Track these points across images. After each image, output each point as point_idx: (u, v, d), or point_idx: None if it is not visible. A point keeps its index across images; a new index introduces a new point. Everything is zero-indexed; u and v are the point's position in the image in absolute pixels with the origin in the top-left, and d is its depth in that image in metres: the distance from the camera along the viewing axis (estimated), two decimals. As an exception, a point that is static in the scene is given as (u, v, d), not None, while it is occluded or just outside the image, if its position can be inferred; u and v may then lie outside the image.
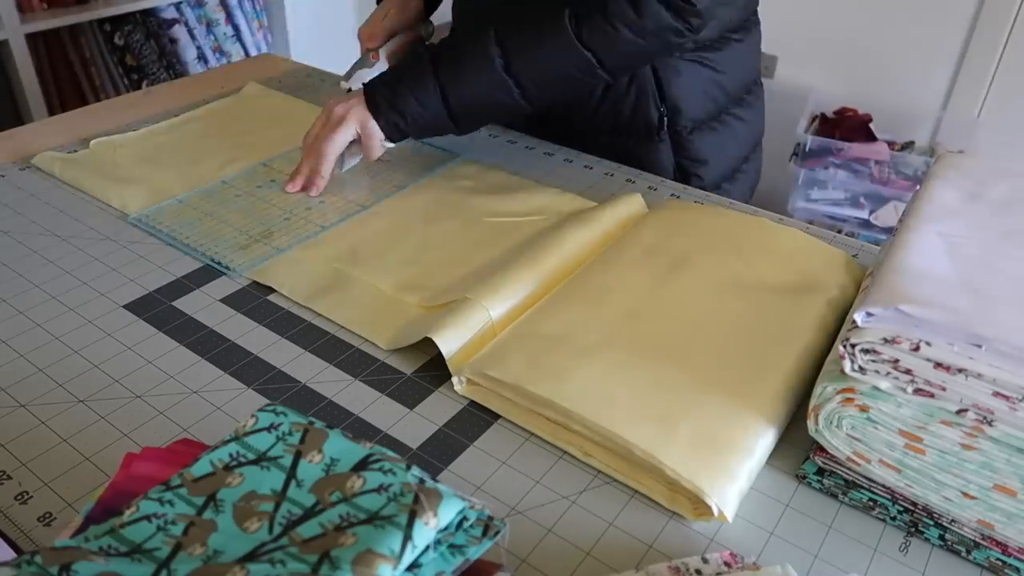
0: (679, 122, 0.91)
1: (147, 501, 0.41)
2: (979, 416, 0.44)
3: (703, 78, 0.91)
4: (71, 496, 0.50)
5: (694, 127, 0.92)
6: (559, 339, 0.59)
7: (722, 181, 0.97)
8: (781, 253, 0.70)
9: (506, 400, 0.57)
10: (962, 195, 0.59)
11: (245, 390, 0.59)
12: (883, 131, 2.14)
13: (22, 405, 0.57)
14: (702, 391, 0.55)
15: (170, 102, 1.07)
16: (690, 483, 0.48)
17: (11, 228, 0.78)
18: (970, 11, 2.02)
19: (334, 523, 0.39)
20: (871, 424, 0.48)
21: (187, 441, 0.50)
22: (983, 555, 0.47)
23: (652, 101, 0.90)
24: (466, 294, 0.64)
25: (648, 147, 0.92)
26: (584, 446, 0.54)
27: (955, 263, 0.51)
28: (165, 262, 0.73)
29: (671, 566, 0.45)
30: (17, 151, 0.93)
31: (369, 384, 0.60)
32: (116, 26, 2.16)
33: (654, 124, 0.91)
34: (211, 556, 0.38)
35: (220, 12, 2.37)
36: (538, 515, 0.50)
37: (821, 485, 0.52)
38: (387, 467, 0.41)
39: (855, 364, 0.47)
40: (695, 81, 0.90)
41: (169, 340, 0.64)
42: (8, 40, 1.93)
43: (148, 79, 2.23)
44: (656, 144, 0.92)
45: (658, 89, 0.89)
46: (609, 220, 0.76)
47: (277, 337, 0.64)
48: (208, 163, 0.90)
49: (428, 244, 0.76)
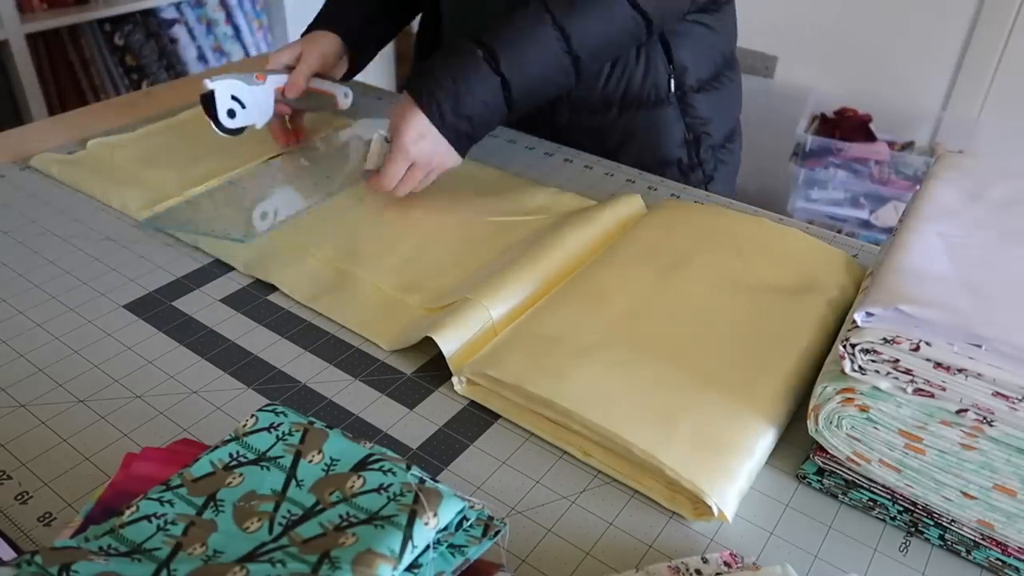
0: (686, 82, 0.94)
1: (147, 501, 0.41)
2: (979, 416, 0.44)
3: (704, 40, 0.94)
4: (71, 496, 0.50)
5: (699, 87, 0.95)
6: (559, 339, 0.59)
7: (726, 141, 1.01)
8: (781, 253, 0.70)
9: (506, 400, 0.57)
10: (962, 195, 0.59)
11: (245, 390, 0.59)
12: (883, 131, 2.14)
13: (22, 405, 0.57)
14: (702, 391, 0.55)
15: (170, 102, 1.07)
16: (690, 483, 0.48)
17: (11, 228, 0.78)
18: (970, 11, 2.02)
19: (334, 523, 0.39)
20: (871, 424, 0.48)
21: (187, 441, 0.50)
22: (983, 555, 0.47)
23: (662, 65, 0.92)
24: (466, 294, 0.64)
25: (657, 113, 0.94)
26: (584, 446, 0.54)
27: (955, 263, 0.51)
28: (165, 262, 0.73)
29: (671, 566, 0.45)
30: (17, 151, 0.93)
31: (369, 384, 0.60)
32: (116, 26, 2.16)
33: (664, 88, 0.93)
34: (211, 556, 0.38)
35: (220, 12, 2.37)
36: (538, 515, 0.50)
37: (821, 485, 0.52)
38: (387, 467, 0.41)
39: (855, 364, 0.47)
40: (697, 43, 0.93)
41: (169, 340, 0.64)
42: (8, 40, 1.93)
43: (148, 79, 2.23)
44: (665, 108, 0.94)
45: (665, 53, 0.92)
46: (609, 220, 0.77)
47: (277, 337, 0.64)
48: (207, 163, 0.90)
49: (428, 244, 0.76)
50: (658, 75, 0.92)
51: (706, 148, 0.98)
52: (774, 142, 2.16)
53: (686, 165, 0.98)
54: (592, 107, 0.95)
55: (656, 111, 0.94)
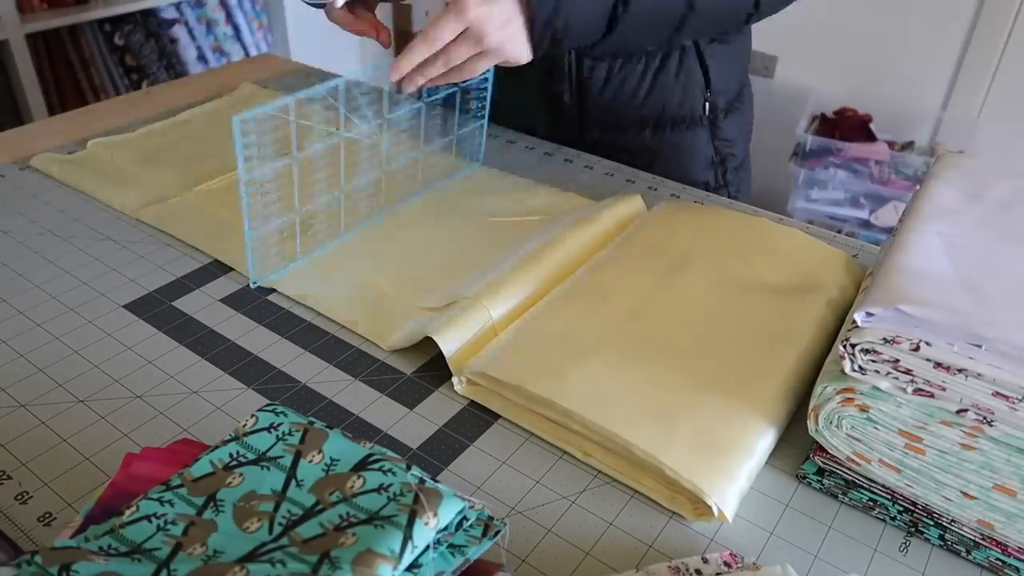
0: (718, 104, 0.93)
1: (147, 501, 0.41)
2: (979, 416, 0.44)
3: (732, 58, 0.93)
4: (71, 496, 0.50)
5: (727, 108, 0.95)
6: (559, 339, 0.59)
7: (745, 159, 1.00)
8: (781, 253, 0.70)
9: (506, 400, 0.57)
10: (962, 195, 0.59)
11: (245, 390, 0.59)
12: (883, 131, 2.14)
13: (22, 405, 0.57)
14: (702, 391, 0.55)
15: (170, 102, 1.07)
16: (690, 483, 0.48)
17: (11, 228, 0.78)
18: (970, 11, 2.02)
19: (334, 523, 0.39)
20: (871, 424, 0.48)
21: (187, 441, 0.50)
22: (983, 555, 0.47)
23: (698, 86, 0.91)
24: (466, 294, 0.64)
25: (689, 135, 0.94)
26: (584, 446, 0.54)
27: (955, 263, 0.51)
28: (165, 262, 0.73)
29: (671, 566, 0.45)
30: (17, 151, 0.93)
31: (369, 384, 0.60)
32: (116, 26, 2.16)
33: (698, 110, 0.92)
34: (211, 556, 0.38)
35: (220, 12, 2.38)
36: (538, 515, 0.50)
37: (821, 485, 0.52)
38: (387, 467, 0.41)
39: (855, 364, 0.47)
40: (728, 62, 0.92)
41: (169, 340, 0.64)
42: (8, 40, 1.93)
43: (148, 79, 2.23)
44: (697, 130, 0.93)
45: (704, 74, 0.91)
46: (609, 220, 0.76)
47: (277, 337, 0.64)
48: (207, 163, 0.90)
49: (428, 244, 0.76)
50: (694, 96, 0.91)
51: (731, 170, 0.98)
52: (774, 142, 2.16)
53: (712, 187, 0.97)
54: (625, 126, 0.94)
55: (688, 132, 0.93)
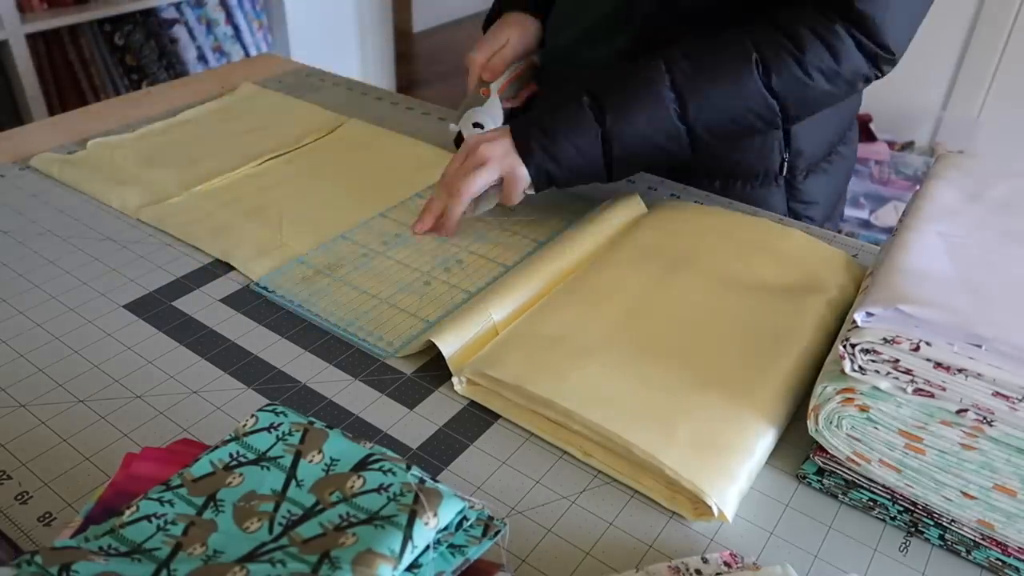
0: (798, 166, 0.87)
1: (147, 501, 0.41)
2: (979, 416, 0.44)
3: (825, 120, 0.85)
4: (71, 496, 0.50)
5: (809, 170, 0.88)
6: (559, 339, 0.59)
7: (825, 220, 0.93)
8: (781, 253, 0.70)
9: (506, 400, 0.57)
10: (962, 195, 0.59)
11: (245, 390, 0.59)
12: (883, 131, 2.14)
13: (22, 405, 0.57)
14: (702, 391, 0.55)
15: (170, 102, 1.07)
16: (690, 483, 0.48)
17: (11, 228, 0.78)
18: (970, 11, 2.02)
19: (334, 523, 0.39)
20: (871, 424, 0.48)
21: (187, 441, 0.50)
22: (983, 555, 0.47)
23: (777, 146, 0.85)
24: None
25: (761, 192, 0.87)
26: (584, 446, 0.54)
27: (955, 263, 0.51)
28: (165, 262, 0.73)
29: (671, 566, 0.45)
30: (17, 151, 0.93)
31: (369, 384, 0.60)
32: (116, 26, 2.16)
33: (774, 170, 0.86)
34: (211, 556, 0.38)
35: (220, 12, 2.37)
36: (538, 515, 0.50)
37: (821, 485, 0.52)
38: (387, 467, 0.41)
39: (855, 364, 0.47)
40: (816, 123, 0.85)
41: (169, 340, 0.64)
42: (8, 40, 1.93)
43: (148, 79, 2.23)
44: (771, 189, 0.87)
45: (784, 135, 0.85)
46: (609, 220, 0.76)
47: (277, 337, 0.64)
48: (207, 163, 0.90)
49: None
50: (772, 155, 0.85)
51: None
52: (774, 142, 2.16)
53: None
54: (693, 173, 0.89)
55: (760, 191, 0.87)
